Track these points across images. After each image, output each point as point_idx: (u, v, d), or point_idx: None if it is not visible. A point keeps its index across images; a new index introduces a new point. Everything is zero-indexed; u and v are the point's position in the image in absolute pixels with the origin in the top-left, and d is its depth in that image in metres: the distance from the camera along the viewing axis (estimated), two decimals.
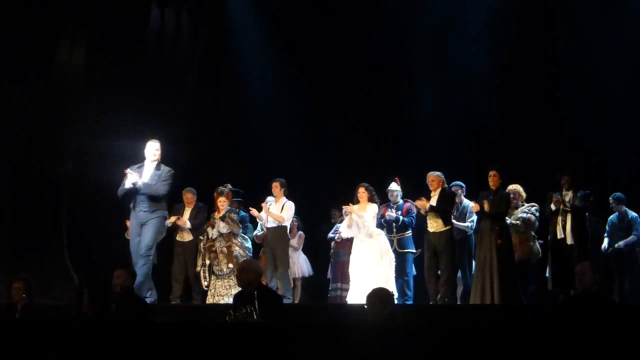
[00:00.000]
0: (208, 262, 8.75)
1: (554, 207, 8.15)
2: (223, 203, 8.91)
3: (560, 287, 7.96)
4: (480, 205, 8.12)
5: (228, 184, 9.17)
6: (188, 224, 8.92)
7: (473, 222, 8.87)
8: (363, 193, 8.64)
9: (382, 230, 8.73)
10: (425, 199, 8.39)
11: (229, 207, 8.99)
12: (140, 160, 8.17)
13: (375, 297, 4.72)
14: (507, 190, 8.43)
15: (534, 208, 8.72)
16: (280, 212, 8.91)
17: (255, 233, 9.43)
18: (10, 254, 9.30)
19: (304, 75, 11.76)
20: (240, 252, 8.81)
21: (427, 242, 8.47)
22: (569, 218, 7.99)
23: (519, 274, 8.57)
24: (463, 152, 10.97)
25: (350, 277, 8.56)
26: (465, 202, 8.98)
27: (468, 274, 8.79)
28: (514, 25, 11.23)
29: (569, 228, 7.98)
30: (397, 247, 8.84)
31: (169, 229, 8.66)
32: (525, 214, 8.66)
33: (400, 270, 8.68)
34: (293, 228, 9.75)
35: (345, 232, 8.92)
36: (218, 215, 8.85)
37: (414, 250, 9.03)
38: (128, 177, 7.82)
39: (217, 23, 11.77)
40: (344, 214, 9.12)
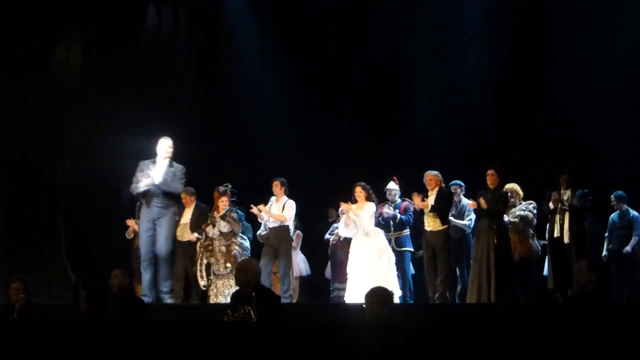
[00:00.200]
0: (205, 261, 8.74)
1: (552, 205, 8.14)
2: (224, 203, 8.89)
3: (560, 286, 7.95)
4: (477, 203, 8.12)
5: (228, 184, 9.14)
6: (194, 237, 8.94)
7: (471, 220, 8.87)
8: (360, 192, 8.62)
9: (380, 230, 8.71)
10: (422, 196, 8.39)
11: (238, 208, 9.00)
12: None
13: (373, 296, 4.68)
14: (504, 189, 8.43)
15: (532, 206, 8.73)
16: (282, 211, 8.85)
17: (259, 232, 9.36)
18: (8, 254, 9.31)
19: (302, 75, 11.75)
20: (239, 251, 8.81)
21: (425, 242, 8.48)
22: (567, 217, 7.98)
23: (521, 272, 8.60)
24: (461, 151, 10.97)
25: (348, 276, 8.55)
26: (464, 201, 8.99)
27: (466, 272, 8.80)
28: (511, 24, 11.22)
29: (567, 227, 7.96)
30: (394, 245, 8.85)
31: None
32: (524, 212, 8.67)
33: (398, 269, 8.66)
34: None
35: (343, 231, 8.89)
36: (218, 215, 8.84)
37: (412, 249, 9.03)
38: (143, 179, 7.88)
39: (214, 22, 11.77)
40: (340, 213, 9.11)
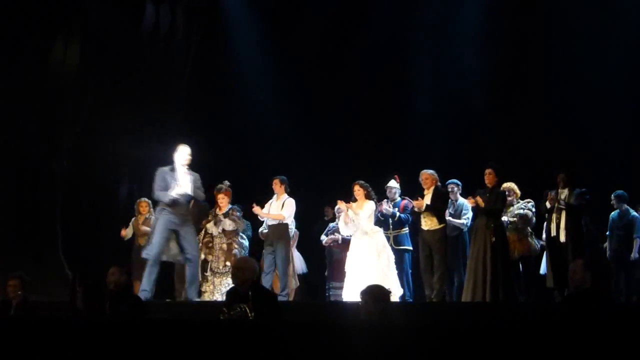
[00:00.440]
0: (203, 256, 8.75)
1: (549, 204, 8.15)
2: (223, 200, 8.92)
3: (558, 284, 7.96)
4: (475, 201, 8.12)
5: (226, 181, 9.17)
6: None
7: (468, 219, 8.87)
8: (358, 190, 8.62)
9: (379, 228, 8.72)
10: (417, 196, 8.41)
11: (230, 204, 9.00)
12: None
13: (367, 294, 4.68)
14: (502, 188, 8.43)
15: (530, 204, 8.72)
16: (281, 209, 8.88)
17: (261, 230, 9.40)
18: (6, 251, 9.31)
19: (300, 74, 11.76)
20: (239, 250, 8.83)
21: (421, 241, 8.48)
22: (563, 216, 7.99)
23: (522, 271, 8.63)
24: (459, 150, 10.98)
25: (346, 274, 8.56)
26: (461, 200, 8.98)
27: (462, 271, 8.79)
28: (509, 23, 11.24)
29: (563, 226, 7.96)
30: (393, 244, 8.85)
31: None
32: (523, 210, 8.67)
33: (397, 268, 8.65)
34: None
35: (343, 229, 8.89)
36: (220, 212, 8.86)
37: (411, 248, 9.02)
38: (176, 189, 7.96)
39: (212, 20, 11.77)
40: (337, 211, 9.12)
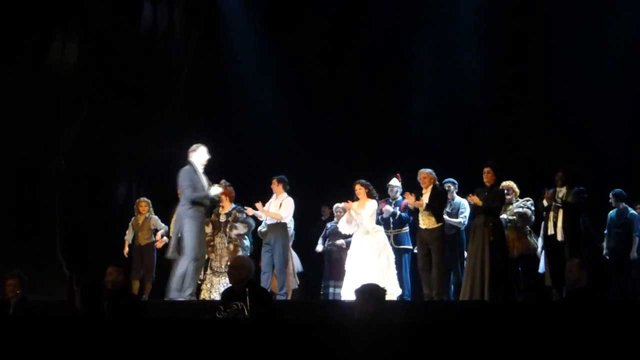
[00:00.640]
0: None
1: (546, 203, 8.16)
2: (224, 200, 8.94)
3: (556, 283, 7.97)
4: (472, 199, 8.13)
5: (223, 179, 9.17)
6: None
7: (465, 217, 8.87)
8: (360, 189, 8.62)
9: (380, 227, 8.72)
10: (416, 196, 8.40)
11: (233, 204, 9.01)
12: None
13: (361, 293, 4.69)
14: (500, 187, 8.43)
15: (530, 202, 8.72)
16: (279, 208, 8.87)
17: (260, 229, 9.41)
18: (4, 251, 9.33)
19: (300, 73, 11.77)
20: (242, 251, 8.86)
21: (419, 239, 8.46)
22: (561, 214, 8.00)
23: (521, 269, 8.62)
24: (459, 149, 10.98)
25: (346, 272, 8.57)
26: (458, 198, 8.99)
27: (460, 270, 8.80)
28: (509, 23, 11.25)
29: (560, 224, 7.97)
30: (393, 243, 8.86)
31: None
32: (522, 209, 8.66)
33: (397, 267, 8.67)
34: None
35: (344, 227, 8.89)
36: (223, 212, 8.89)
37: (411, 247, 9.01)
38: (213, 189, 8.05)
39: (211, 20, 11.78)
40: (335, 210, 9.12)
